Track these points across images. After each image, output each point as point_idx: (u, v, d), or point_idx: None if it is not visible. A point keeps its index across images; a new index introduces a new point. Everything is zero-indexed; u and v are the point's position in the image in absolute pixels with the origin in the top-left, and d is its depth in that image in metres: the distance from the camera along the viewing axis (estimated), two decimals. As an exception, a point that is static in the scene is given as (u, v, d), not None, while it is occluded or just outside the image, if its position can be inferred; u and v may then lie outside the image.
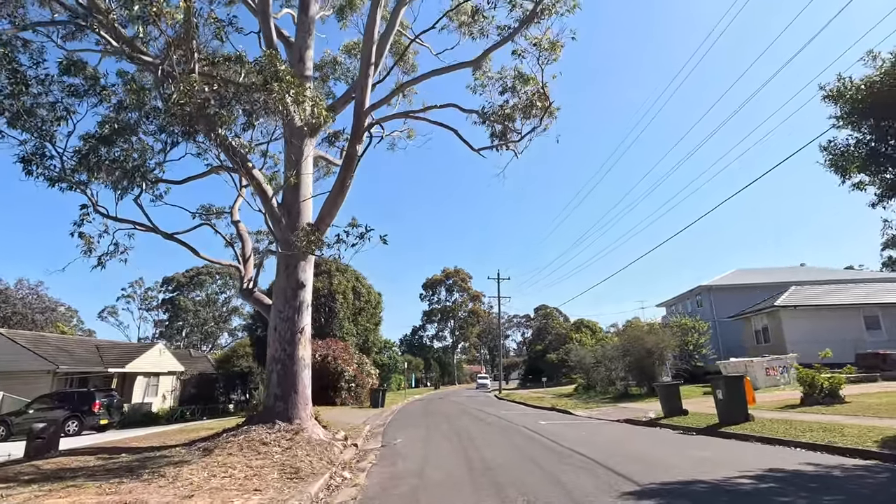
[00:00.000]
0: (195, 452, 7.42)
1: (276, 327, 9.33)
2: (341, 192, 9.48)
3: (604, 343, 30.59)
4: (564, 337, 58.62)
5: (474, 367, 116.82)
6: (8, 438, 18.32)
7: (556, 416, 17.29)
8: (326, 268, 30.63)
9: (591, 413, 17.49)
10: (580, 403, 22.28)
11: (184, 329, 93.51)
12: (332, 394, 26.04)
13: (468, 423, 15.40)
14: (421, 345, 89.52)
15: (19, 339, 26.12)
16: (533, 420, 15.19)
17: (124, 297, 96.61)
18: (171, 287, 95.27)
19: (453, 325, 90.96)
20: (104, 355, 30.12)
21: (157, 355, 31.60)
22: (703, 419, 11.96)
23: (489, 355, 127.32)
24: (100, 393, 19.55)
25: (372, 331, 33.07)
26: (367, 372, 29.23)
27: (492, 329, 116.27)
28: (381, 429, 15.05)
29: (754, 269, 41.09)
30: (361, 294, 31.79)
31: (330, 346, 27.03)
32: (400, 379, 55.70)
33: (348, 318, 30.51)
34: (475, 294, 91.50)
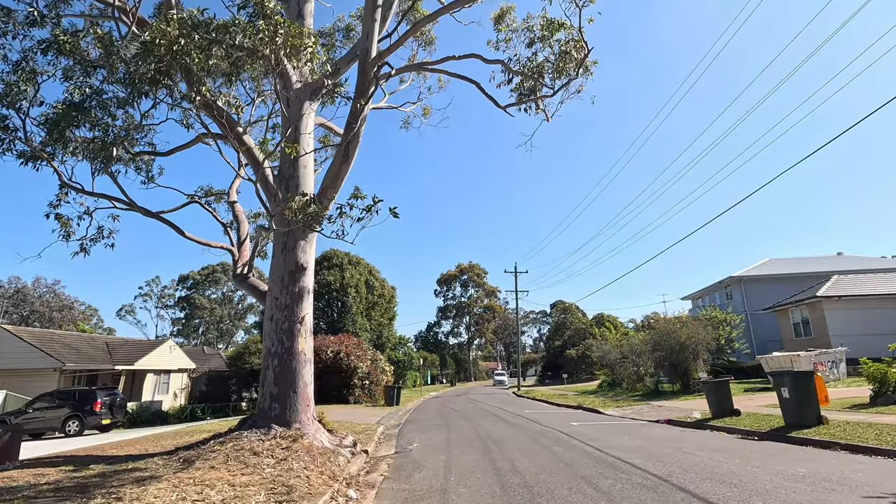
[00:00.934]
0: (173, 465, 6.19)
1: (272, 317, 8.08)
2: (346, 160, 8.18)
3: (630, 337, 28.91)
4: (584, 332, 56.91)
5: (490, 364, 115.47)
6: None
7: (587, 415, 15.85)
8: (338, 261, 29.53)
9: (624, 412, 16.03)
10: (608, 401, 20.79)
11: (200, 327, 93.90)
12: (345, 392, 24.96)
13: (491, 424, 14.06)
14: (436, 341, 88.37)
15: (25, 336, 25.50)
16: (563, 421, 13.79)
17: (141, 296, 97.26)
18: (186, 285, 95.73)
19: (469, 320, 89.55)
20: (113, 353, 29.46)
21: (168, 352, 30.86)
22: (762, 421, 10.45)
23: (505, 352, 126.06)
24: (102, 391, 18.67)
25: (386, 326, 31.93)
26: (382, 368, 28.08)
27: (508, 325, 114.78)
28: (396, 430, 13.81)
29: (787, 258, 38.95)
30: (375, 288, 30.65)
31: (343, 342, 25.93)
32: (415, 376, 54.61)
33: (361, 313, 29.40)
34: (491, 289, 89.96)
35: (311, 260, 8.40)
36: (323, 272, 29.30)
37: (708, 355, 21.43)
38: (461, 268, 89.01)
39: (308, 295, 8.30)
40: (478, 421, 15.11)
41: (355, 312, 28.68)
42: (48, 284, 62.52)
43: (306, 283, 8.25)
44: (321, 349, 24.91)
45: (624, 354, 27.84)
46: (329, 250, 30.63)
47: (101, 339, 31.68)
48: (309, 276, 8.32)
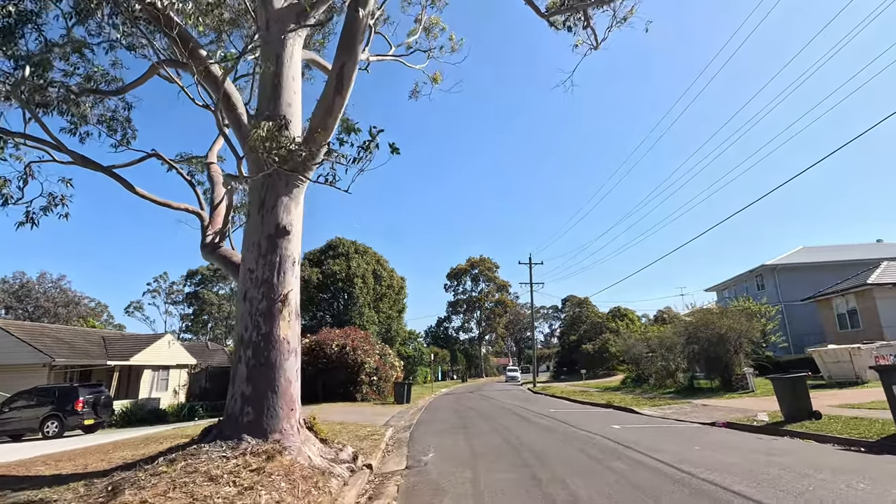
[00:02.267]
0: (90, 497, 4.36)
1: (245, 294, 6.25)
2: (339, 90, 6.29)
3: (659, 330, 26.83)
4: (601, 326, 54.81)
5: (501, 360, 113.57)
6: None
7: (624, 416, 13.92)
8: (344, 249, 27.78)
9: (664, 412, 14.10)
10: (640, 399, 18.82)
11: (209, 322, 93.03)
12: (351, 388, 23.24)
13: (516, 425, 12.20)
14: (446, 337, 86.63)
15: (15, 330, 24.07)
16: (600, 423, 11.88)
17: (150, 292, 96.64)
18: (195, 280, 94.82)
19: (479, 315, 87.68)
20: (109, 348, 28.02)
21: (166, 347, 29.37)
22: (857, 427, 8.45)
23: (516, 347, 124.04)
24: (84, 388, 17.07)
25: (395, 319, 30.16)
26: (391, 364, 26.31)
27: (519, 320, 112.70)
28: (407, 433, 11.99)
29: (822, 246, 36.51)
30: (383, 278, 28.86)
31: (349, 335, 24.18)
32: (426, 372, 52.88)
33: (369, 305, 27.65)
34: (502, 283, 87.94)
35: (296, 222, 6.54)
36: (328, 261, 27.58)
37: (751, 348, 19.33)
38: (472, 261, 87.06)
39: (293, 267, 6.44)
40: (500, 421, 13.24)
41: (362, 304, 26.92)
42: (53, 280, 61.72)
43: (291, 250, 6.40)
44: (325, 343, 23.21)
45: (651, 348, 25.81)
46: (335, 238, 28.96)
47: (97, 334, 30.27)
48: (294, 241, 6.46)
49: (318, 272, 27.17)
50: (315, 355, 23.07)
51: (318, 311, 27.44)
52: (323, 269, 27.26)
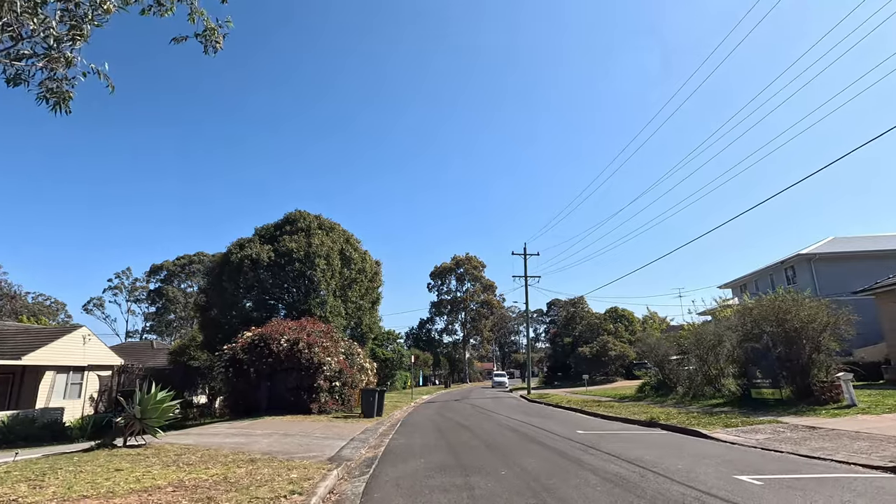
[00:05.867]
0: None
1: None
2: None
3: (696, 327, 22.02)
4: (597, 328, 50.16)
5: (486, 365, 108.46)
6: None
7: (698, 445, 8.92)
8: (304, 224, 22.43)
9: (756, 439, 9.26)
10: (690, 415, 13.88)
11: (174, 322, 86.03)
12: (305, 397, 17.86)
13: (556, 471, 7.08)
14: (429, 339, 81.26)
15: None
16: (700, 465, 6.84)
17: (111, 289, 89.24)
18: (160, 276, 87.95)
19: (464, 317, 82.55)
20: (2, 343, 22.09)
21: (80, 344, 23.50)
22: None
23: (500, 352, 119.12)
24: None
25: (367, 311, 24.84)
26: (360, 365, 20.98)
27: (505, 323, 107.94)
28: (361, 482, 6.78)
29: (856, 236, 32.43)
30: (353, 260, 23.53)
31: (304, 328, 18.80)
32: (406, 376, 47.45)
33: (334, 293, 22.31)
34: (488, 283, 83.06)
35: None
36: (283, 238, 22.19)
37: (839, 347, 14.60)
38: (457, 260, 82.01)
39: None
40: (519, 461, 8.09)
41: (325, 291, 21.60)
42: (-16, 270, 54.57)
43: None
44: (272, 338, 17.81)
45: (683, 348, 21.03)
46: (294, 211, 23.47)
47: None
48: None
49: (269, 250, 21.77)
50: (258, 353, 17.66)
51: (268, 299, 22.02)
52: (276, 246, 21.87)
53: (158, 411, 8.90)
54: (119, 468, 6.80)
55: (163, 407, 8.95)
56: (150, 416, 8.85)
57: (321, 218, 23.65)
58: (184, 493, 5.52)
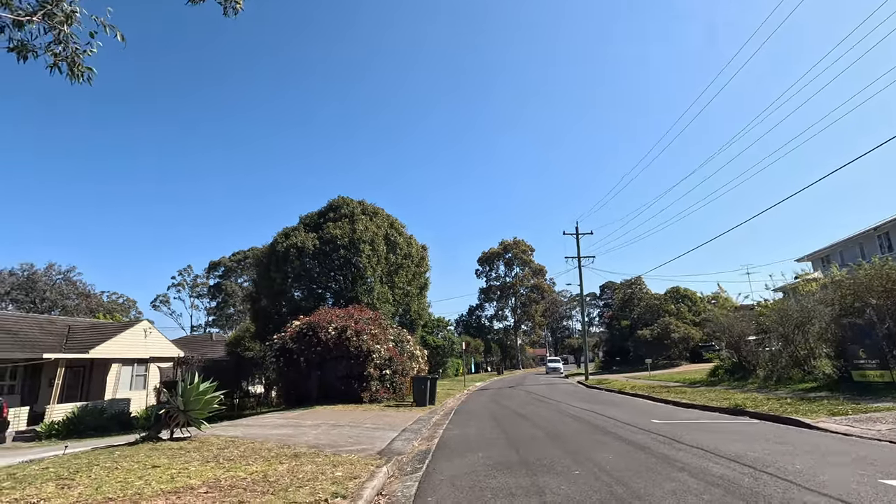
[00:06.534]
0: None
1: None
2: None
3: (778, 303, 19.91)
4: (657, 309, 47.56)
5: (538, 351, 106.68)
6: None
7: (805, 437, 7.52)
8: (348, 210, 21.99)
9: (878, 430, 7.73)
10: (783, 400, 12.25)
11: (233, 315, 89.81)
12: (356, 385, 17.46)
13: (630, 462, 6.00)
14: (479, 326, 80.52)
15: (-57, 316, 19.35)
16: (807, 461, 5.56)
17: (175, 286, 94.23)
18: (218, 273, 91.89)
19: (514, 303, 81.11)
20: (71, 338, 23.20)
21: (142, 337, 24.34)
22: None
23: (552, 338, 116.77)
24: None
25: (415, 297, 24.22)
26: (411, 353, 20.43)
27: (557, 308, 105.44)
28: (413, 482, 5.99)
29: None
30: (398, 245, 22.92)
31: (351, 316, 18.37)
32: (457, 363, 46.95)
33: (380, 279, 21.80)
34: (538, 268, 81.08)
35: None
36: (327, 225, 21.86)
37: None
38: (505, 244, 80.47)
39: None
40: (594, 456, 7.04)
41: (371, 277, 21.11)
42: (62, 271, 58.80)
43: None
44: (320, 326, 17.48)
45: (763, 327, 19.02)
46: (337, 198, 23.12)
47: (63, 323, 25.55)
48: None
49: (314, 237, 21.52)
50: (307, 342, 17.41)
51: (315, 288, 21.84)
52: (321, 234, 21.58)
53: (201, 403, 8.50)
54: (156, 465, 6.33)
55: (205, 398, 8.55)
56: (193, 407, 8.47)
57: (364, 203, 23.15)
58: (216, 496, 4.90)
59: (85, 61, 5.21)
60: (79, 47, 5.18)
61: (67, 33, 5.15)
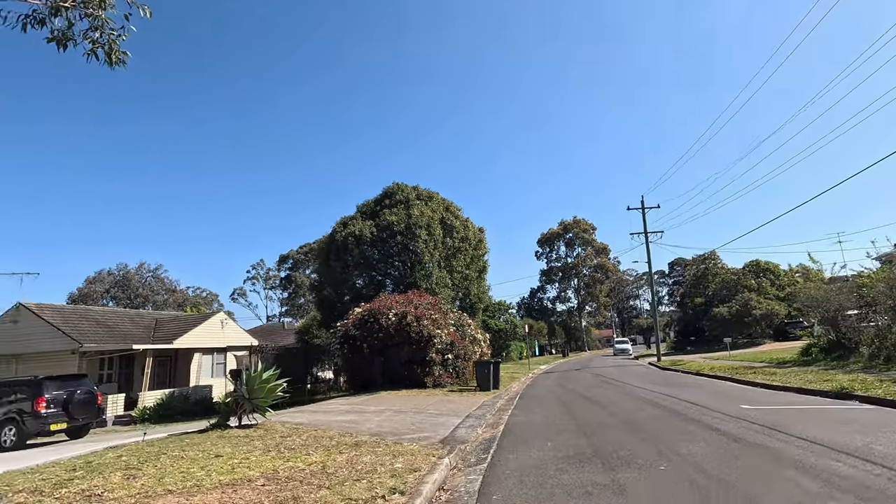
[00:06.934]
0: None
1: None
2: None
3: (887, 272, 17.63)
4: (735, 285, 44.18)
5: (604, 332, 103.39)
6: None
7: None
8: (403, 196, 21.85)
9: None
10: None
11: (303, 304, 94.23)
12: (419, 371, 17.39)
13: (725, 456, 5.22)
14: (541, 308, 79.08)
15: (47, 314, 21.37)
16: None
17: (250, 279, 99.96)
18: (287, 265, 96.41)
19: (577, 284, 78.80)
20: (158, 330, 24.97)
21: (219, 327, 25.78)
22: None
23: (619, 318, 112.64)
24: (52, 382, 12.84)
25: (474, 281, 23.83)
26: (472, 337, 20.09)
27: (622, 288, 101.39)
28: (478, 475, 5.57)
29: None
30: (455, 229, 22.56)
31: (411, 301, 18.27)
32: (521, 347, 46.27)
33: (438, 264, 21.56)
34: (600, 246, 78.12)
35: None
36: (383, 212, 21.88)
37: None
38: (564, 224, 78.09)
39: None
40: (680, 448, 6.29)
41: (429, 262, 20.91)
42: (150, 269, 64.02)
43: None
44: (380, 312, 17.51)
45: (867, 300, 16.86)
46: (392, 185, 23.12)
47: (151, 316, 27.60)
48: None
49: (371, 225, 21.60)
50: (369, 329, 17.51)
51: (375, 275, 22.01)
52: (376, 221, 21.64)
53: (264, 391, 8.57)
54: (220, 454, 6.35)
55: (268, 387, 8.61)
56: (258, 395, 8.55)
57: (419, 188, 22.96)
58: (271, 489, 4.73)
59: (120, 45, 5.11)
60: (114, 31, 5.09)
61: (103, 18, 5.06)
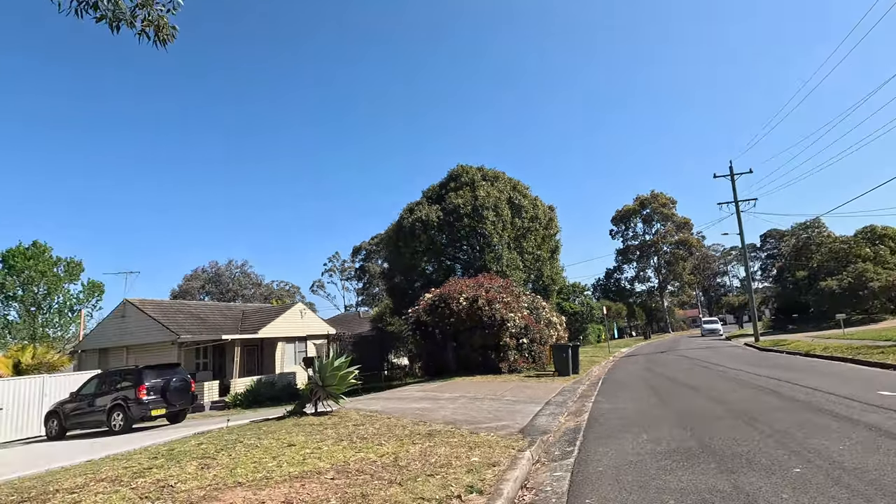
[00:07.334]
0: None
1: None
2: None
3: None
4: (846, 255, 39.21)
5: (689, 312, 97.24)
6: (64, 435, 13.79)
7: None
8: (468, 178, 21.24)
9: None
10: None
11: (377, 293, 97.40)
12: (493, 356, 16.90)
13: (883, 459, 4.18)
14: (619, 289, 75.52)
15: (149, 309, 23.30)
16: None
17: (327, 272, 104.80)
18: (360, 256, 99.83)
19: (657, 262, 74.24)
20: (244, 321, 26.47)
21: (299, 317, 26.85)
22: None
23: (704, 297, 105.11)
24: (151, 371, 13.76)
25: (546, 261, 22.77)
26: (547, 320, 19.23)
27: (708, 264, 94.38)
28: (565, 470, 4.95)
29: None
30: (523, 208, 21.62)
31: (481, 285, 17.73)
32: (598, 329, 44.39)
33: (508, 245, 20.79)
34: (682, 221, 72.84)
35: None
36: (448, 195, 21.42)
37: None
38: (641, 200, 73.61)
39: None
40: (816, 445, 5.26)
41: (499, 244, 20.22)
42: (238, 265, 68.78)
43: None
44: (451, 297, 17.15)
45: None
46: (456, 167, 22.50)
47: (239, 308, 29.36)
48: None
49: (437, 209, 21.25)
50: (440, 314, 17.24)
51: (444, 260, 21.67)
52: (444, 205, 21.23)
53: (337, 378, 8.45)
54: (293, 443, 6.21)
55: (340, 374, 8.48)
56: (330, 383, 8.45)
57: (484, 169, 22.18)
58: (340, 484, 4.41)
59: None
60: (163, 6, 4.92)
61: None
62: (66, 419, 13.61)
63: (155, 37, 5.04)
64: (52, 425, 13.85)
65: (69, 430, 13.78)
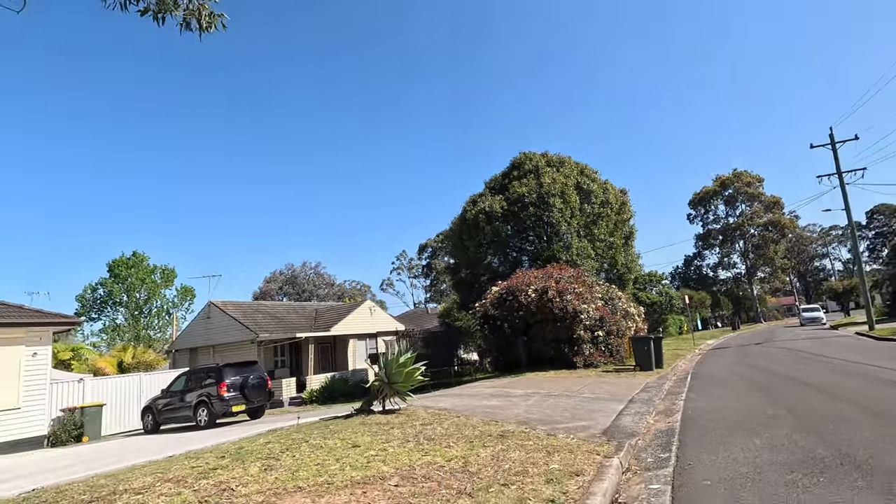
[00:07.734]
0: None
1: None
2: None
3: None
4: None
5: (783, 300, 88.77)
6: (158, 429, 14.71)
7: None
8: (532, 165, 20.33)
9: None
10: None
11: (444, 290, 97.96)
12: (566, 350, 15.98)
13: None
14: (700, 277, 70.50)
15: (231, 309, 24.60)
16: None
17: (395, 270, 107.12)
18: (427, 254, 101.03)
19: (743, 246, 68.32)
20: (318, 319, 27.29)
21: (368, 314, 27.25)
22: None
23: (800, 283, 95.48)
24: (230, 369, 14.29)
25: (620, 248, 21.25)
26: (623, 311, 17.96)
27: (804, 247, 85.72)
28: (664, 488, 4.17)
29: None
30: (593, 193, 20.29)
31: (550, 276, 16.84)
32: (680, 320, 41.48)
33: (577, 233, 19.62)
34: (771, 200, 66.55)
35: None
36: (511, 184, 20.59)
37: None
38: (722, 180, 68.14)
39: None
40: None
41: (567, 232, 19.12)
42: (312, 266, 71.85)
43: None
44: (519, 289, 16.43)
45: None
46: (518, 155, 21.58)
47: (312, 307, 30.36)
48: None
49: (501, 199, 20.51)
50: (508, 308, 16.59)
51: (510, 251, 20.89)
52: (507, 194, 20.46)
53: (403, 375, 8.12)
54: (357, 444, 5.91)
55: (406, 370, 8.14)
56: (396, 380, 8.14)
57: (548, 155, 21.08)
58: (403, 492, 3.98)
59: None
60: (200, 1, 4.74)
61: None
62: (160, 414, 14.55)
63: (198, 26, 4.88)
64: (147, 420, 14.88)
65: (162, 425, 14.72)
